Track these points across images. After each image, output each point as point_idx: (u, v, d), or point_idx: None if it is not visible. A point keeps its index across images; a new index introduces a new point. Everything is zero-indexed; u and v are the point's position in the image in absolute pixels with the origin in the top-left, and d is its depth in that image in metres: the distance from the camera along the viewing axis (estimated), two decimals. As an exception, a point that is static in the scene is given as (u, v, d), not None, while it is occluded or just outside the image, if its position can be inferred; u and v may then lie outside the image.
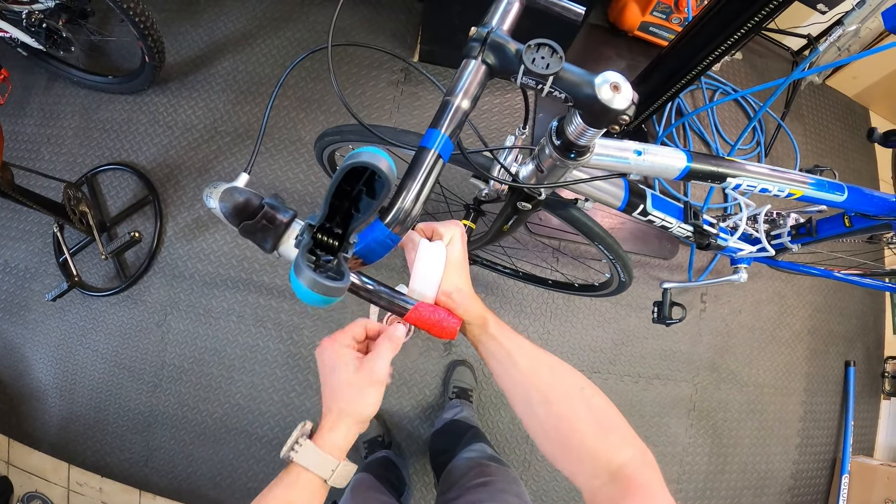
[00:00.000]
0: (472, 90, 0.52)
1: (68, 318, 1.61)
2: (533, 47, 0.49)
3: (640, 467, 0.45)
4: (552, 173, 0.68)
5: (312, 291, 0.39)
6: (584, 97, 0.49)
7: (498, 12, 0.59)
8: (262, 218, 0.45)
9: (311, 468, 0.47)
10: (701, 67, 1.34)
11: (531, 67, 0.48)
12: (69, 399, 1.58)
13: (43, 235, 1.64)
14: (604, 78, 0.48)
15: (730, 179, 0.78)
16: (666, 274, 1.78)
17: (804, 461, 1.84)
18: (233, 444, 1.54)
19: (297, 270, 0.39)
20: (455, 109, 0.51)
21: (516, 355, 0.50)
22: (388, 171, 0.40)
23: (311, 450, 0.47)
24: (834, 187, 0.86)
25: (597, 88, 0.48)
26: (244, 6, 1.80)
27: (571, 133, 0.57)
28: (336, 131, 0.96)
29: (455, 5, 1.46)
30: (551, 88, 0.50)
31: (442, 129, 0.50)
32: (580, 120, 0.54)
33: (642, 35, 1.85)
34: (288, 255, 0.47)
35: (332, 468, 0.47)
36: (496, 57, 0.52)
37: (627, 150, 0.72)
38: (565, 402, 0.48)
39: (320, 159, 1.09)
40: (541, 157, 0.67)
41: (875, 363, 1.98)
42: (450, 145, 0.51)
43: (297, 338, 1.58)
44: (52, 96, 1.73)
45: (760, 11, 1.09)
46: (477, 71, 0.52)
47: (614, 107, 0.48)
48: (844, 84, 2.13)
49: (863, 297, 1.99)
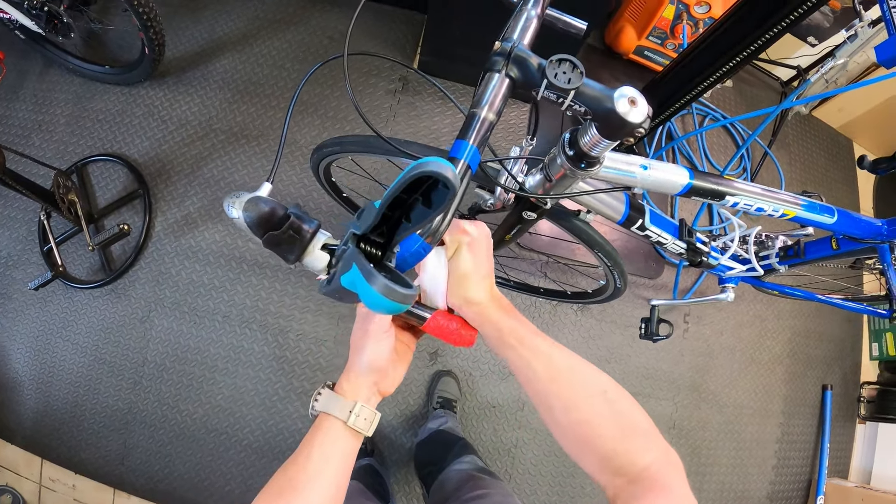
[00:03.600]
0: (496, 103, 0.54)
1: (49, 309, 1.58)
2: (555, 62, 0.50)
3: (663, 467, 0.45)
4: (560, 183, 0.70)
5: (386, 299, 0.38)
6: (602, 111, 0.51)
7: (518, 27, 0.61)
8: (288, 228, 0.45)
9: (329, 411, 0.50)
10: (694, 94, 1.38)
11: (554, 82, 0.50)
12: (45, 392, 1.55)
13: (28, 223, 1.62)
14: (621, 93, 0.50)
15: (728, 197, 0.81)
16: (651, 293, 1.80)
17: (780, 482, 1.87)
18: (212, 445, 1.52)
19: (370, 279, 0.38)
20: (482, 121, 0.52)
21: (535, 364, 0.49)
22: (455, 182, 0.38)
23: (328, 395, 0.51)
24: (824, 210, 0.89)
25: (615, 102, 0.49)
26: (246, 5, 1.81)
27: (585, 144, 0.59)
28: (336, 142, 0.96)
29: (458, 20, 1.48)
30: (572, 102, 0.52)
31: (470, 140, 0.51)
32: (595, 132, 0.56)
33: (637, 59, 1.89)
34: (313, 265, 0.47)
35: (349, 409, 0.50)
36: (519, 71, 0.54)
37: (634, 164, 0.74)
38: (586, 407, 0.48)
39: (316, 170, 1.09)
40: (551, 167, 0.69)
41: (851, 388, 2.02)
42: (477, 156, 0.52)
43: (282, 341, 1.57)
44: (47, 83, 1.71)
45: (755, 43, 1.13)
46: (501, 84, 0.54)
47: (631, 120, 0.49)
48: (830, 115, 2.20)
49: (841, 322, 2.04)
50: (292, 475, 0.48)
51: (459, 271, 0.52)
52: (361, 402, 0.51)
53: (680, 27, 1.77)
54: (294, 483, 0.47)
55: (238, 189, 0.48)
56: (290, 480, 0.47)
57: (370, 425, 0.51)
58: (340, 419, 0.50)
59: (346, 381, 0.52)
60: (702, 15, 1.72)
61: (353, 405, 0.50)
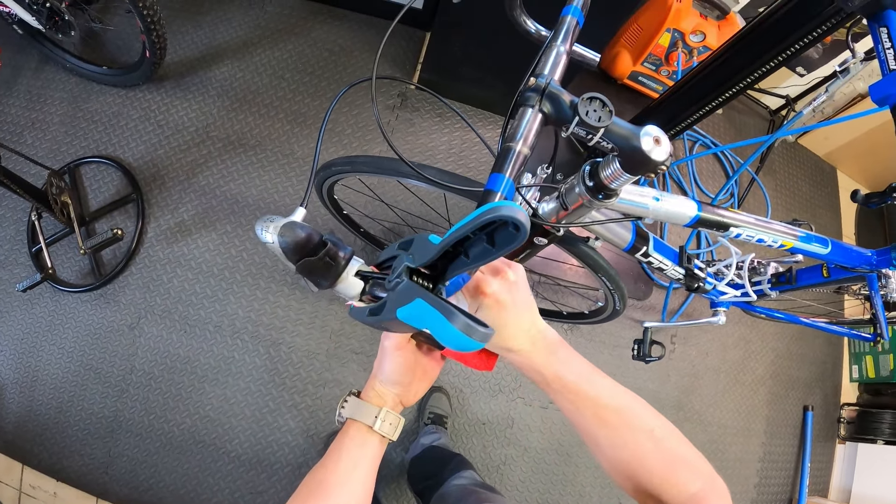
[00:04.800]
0: (530, 138, 0.56)
1: (35, 312, 1.55)
2: (586, 100, 0.52)
3: (709, 495, 0.46)
4: (575, 212, 0.72)
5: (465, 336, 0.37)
6: (629, 148, 0.53)
7: (549, 63, 0.63)
8: (325, 255, 0.45)
9: (356, 417, 0.52)
10: (688, 122, 1.41)
11: (586, 119, 0.52)
12: (29, 396, 1.52)
13: (16, 223, 1.59)
14: (646, 132, 0.52)
15: (732, 229, 0.85)
16: (639, 314, 1.84)
17: (762, 500, 1.91)
18: (199, 456, 1.50)
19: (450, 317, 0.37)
20: (517, 155, 0.54)
21: (583, 409, 0.49)
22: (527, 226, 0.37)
23: (354, 402, 0.54)
24: (819, 241, 0.93)
25: (641, 140, 0.51)
26: (247, 14, 1.81)
27: (607, 177, 0.61)
28: (347, 162, 0.96)
29: (461, 39, 1.50)
30: (601, 139, 0.54)
31: (507, 173, 0.53)
32: (618, 166, 0.58)
33: (631, 84, 1.93)
34: (346, 292, 0.47)
35: (375, 414, 0.52)
36: (552, 107, 0.56)
37: (647, 195, 0.77)
38: (633, 446, 0.49)
39: (319, 188, 1.09)
40: (568, 196, 0.70)
41: (832, 409, 2.08)
42: (513, 189, 0.54)
43: (273, 353, 1.56)
44: (42, 80, 1.69)
45: (750, 76, 1.16)
46: (534, 119, 0.56)
47: (655, 158, 0.51)
48: (816, 144, 2.26)
49: (822, 345, 2.09)
50: (322, 478, 0.50)
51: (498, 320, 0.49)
52: (387, 409, 0.53)
53: (675, 55, 1.81)
54: (324, 486, 0.49)
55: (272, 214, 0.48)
56: (320, 484, 0.49)
57: (395, 430, 0.53)
58: (367, 424, 0.52)
59: (372, 388, 0.55)
60: (696, 44, 1.77)
61: (379, 411, 0.52)
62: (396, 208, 1.46)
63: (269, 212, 1.65)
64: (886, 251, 0.93)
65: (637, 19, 1.83)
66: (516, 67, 0.76)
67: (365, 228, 1.51)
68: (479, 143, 1.83)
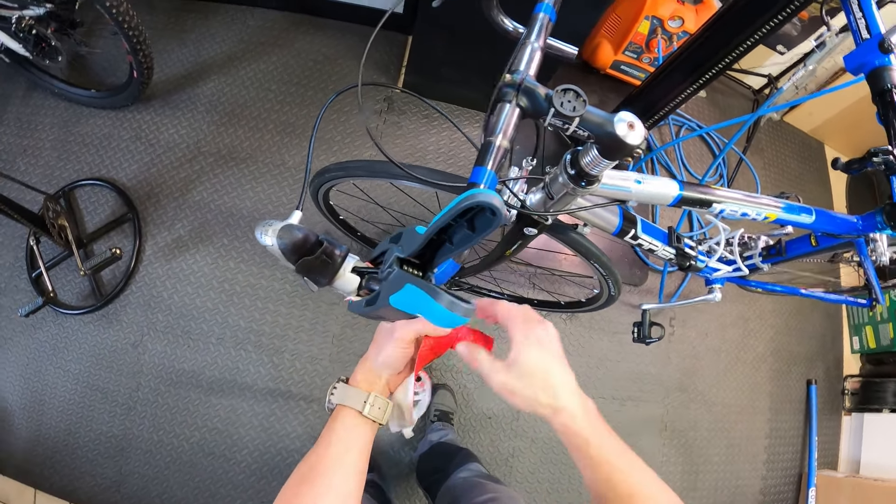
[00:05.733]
0: (509, 131, 0.58)
1: (39, 336, 1.56)
2: (561, 92, 0.54)
3: None
4: (561, 200, 0.74)
5: (451, 312, 0.41)
6: (604, 134, 0.55)
7: (524, 59, 0.65)
8: (322, 254, 0.48)
9: (345, 402, 0.54)
10: (671, 106, 1.43)
11: (561, 110, 0.54)
12: (37, 420, 1.53)
13: (14, 249, 1.60)
14: (620, 118, 0.53)
15: (715, 205, 0.86)
16: (637, 298, 1.85)
17: (772, 476, 1.92)
18: (210, 469, 1.51)
19: (435, 296, 0.42)
20: (497, 148, 0.57)
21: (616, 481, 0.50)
22: (503, 210, 0.41)
23: (343, 388, 0.55)
24: (803, 210, 0.94)
25: (615, 126, 0.53)
26: (231, 29, 1.83)
27: (587, 164, 0.63)
28: (340, 167, 0.98)
29: (442, 41, 1.52)
30: (577, 128, 0.56)
31: (488, 166, 0.55)
32: (596, 153, 0.60)
33: (614, 73, 1.95)
34: (343, 288, 0.50)
35: (364, 399, 0.53)
36: (528, 101, 0.58)
37: (629, 179, 0.79)
38: None
39: (315, 194, 1.11)
40: (552, 186, 0.72)
41: (835, 381, 2.09)
42: (495, 180, 0.56)
43: (277, 361, 1.57)
44: (31, 106, 1.70)
45: (728, 56, 1.18)
46: (512, 113, 0.58)
47: (630, 142, 0.53)
48: (801, 120, 2.29)
49: (821, 319, 2.11)
50: (313, 463, 0.51)
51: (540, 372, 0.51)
52: (375, 393, 0.54)
53: (655, 42, 1.83)
54: (317, 470, 0.50)
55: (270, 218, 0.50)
56: (312, 468, 0.50)
57: (384, 413, 0.55)
58: (356, 409, 0.53)
59: (361, 373, 0.56)
60: (675, 29, 1.79)
61: (368, 395, 0.54)
62: (391, 210, 1.48)
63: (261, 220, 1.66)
64: (871, 216, 0.94)
65: (615, 8, 1.86)
66: (498, 66, 0.78)
67: (362, 232, 1.53)
68: (467, 141, 1.84)
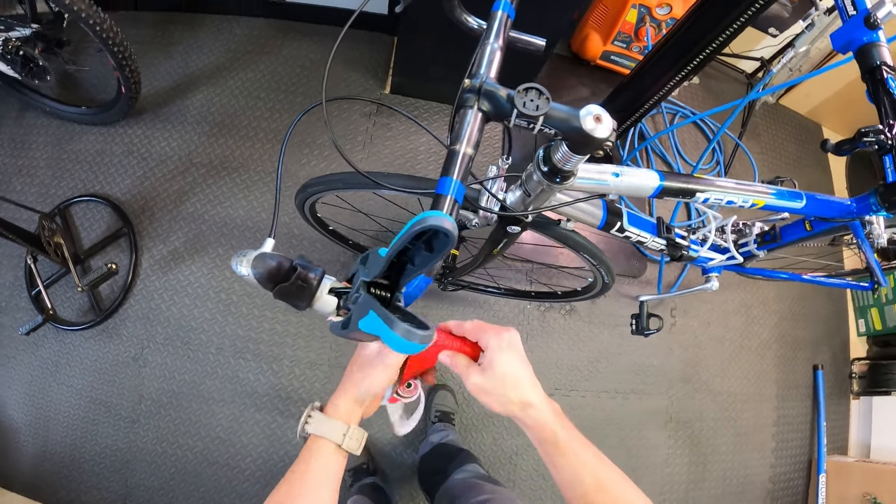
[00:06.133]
0: (473, 137, 0.56)
1: (41, 354, 1.58)
2: (522, 92, 0.53)
3: None
4: (539, 197, 0.73)
5: (407, 340, 0.42)
6: (570, 130, 0.54)
7: (484, 62, 0.64)
8: (297, 279, 0.48)
9: (324, 434, 0.52)
10: (661, 94, 1.42)
11: (524, 111, 0.53)
12: (43, 436, 1.54)
13: (14, 269, 1.62)
14: (587, 111, 0.52)
15: (699, 194, 0.83)
16: (636, 290, 1.84)
17: (781, 464, 1.90)
18: (214, 478, 1.52)
19: (391, 325, 0.42)
20: (462, 156, 0.55)
21: (584, 476, 0.53)
22: (453, 232, 0.42)
23: (321, 419, 0.53)
24: (793, 195, 0.91)
25: (582, 121, 0.52)
26: (217, 38, 1.83)
27: (558, 160, 0.62)
28: (320, 181, 0.99)
29: (427, 41, 1.51)
30: (542, 126, 0.55)
31: (454, 176, 0.54)
32: (566, 148, 0.59)
33: (604, 64, 1.94)
34: (322, 310, 0.50)
35: (343, 432, 0.53)
36: (490, 104, 0.57)
37: (606, 172, 0.77)
38: None
39: (301, 207, 1.11)
40: (528, 184, 0.71)
41: (842, 365, 2.07)
42: (462, 189, 0.55)
43: (277, 368, 1.57)
44: (24, 126, 1.72)
45: (716, 39, 1.16)
46: (475, 119, 0.57)
47: (597, 136, 0.52)
48: (797, 102, 2.26)
49: (825, 302, 2.08)
50: (284, 497, 0.50)
51: (511, 373, 0.55)
52: (354, 425, 0.54)
53: (643, 30, 1.82)
54: None
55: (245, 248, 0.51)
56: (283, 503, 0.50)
57: (359, 445, 0.54)
58: (334, 442, 0.52)
59: (343, 402, 0.55)
60: (664, 16, 1.77)
61: (347, 428, 0.53)
62: (378, 217, 1.47)
63: (256, 231, 1.67)
64: (865, 197, 0.92)
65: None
66: None
67: (353, 240, 1.52)
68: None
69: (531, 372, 0.57)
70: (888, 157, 0.85)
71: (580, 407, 1.72)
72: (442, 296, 1.69)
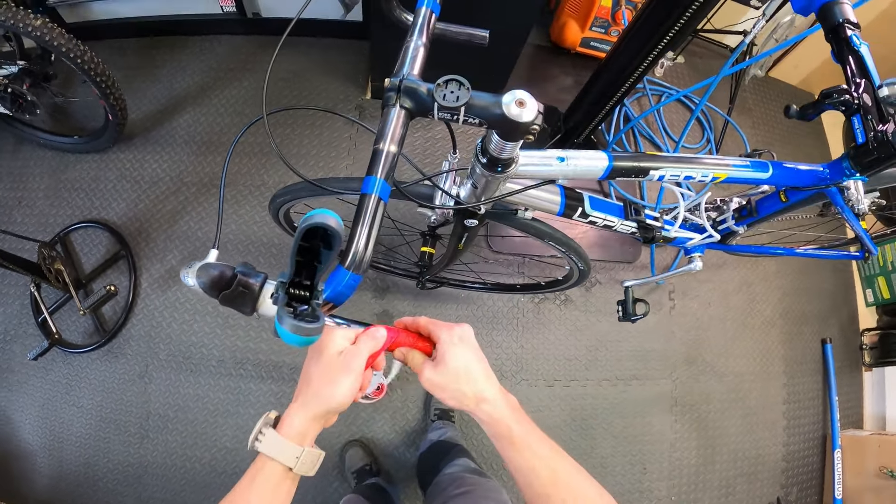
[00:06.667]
0: (397, 135, 0.57)
1: (51, 377, 1.63)
2: (442, 84, 0.54)
3: None
4: (487, 188, 0.73)
5: (296, 335, 0.45)
6: (494, 118, 0.53)
7: (406, 60, 0.65)
8: (237, 286, 0.50)
9: (275, 456, 0.48)
10: (638, 73, 1.40)
11: (443, 103, 0.53)
12: (57, 457, 1.59)
13: (20, 297, 1.67)
14: (511, 96, 0.52)
15: (652, 172, 0.81)
16: (632, 275, 1.82)
17: (794, 442, 1.87)
18: (224, 487, 1.51)
19: (281, 321, 0.45)
20: (385, 155, 0.56)
21: (539, 470, 0.52)
22: (336, 226, 0.45)
23: (274, 438, 0.49)
24: (758, 166, 0.88)
25: (504, 108, 0.52)
26: (199, 59, 1.87)
27: (493, 150, 0.62)
28: (286, 191, 1.02)
29: (398, 41, 1.52)
30: (465, 117, 0.55)
31: (377, 174, 0.55)
32: (497, 137, 0.59)
33: (584, 50, 1.93)
34: (267, 313, 0.51)
35: (297, 455, 0.49)
36: (412, 100, 0.57)
37: (550, 157, 0.76)
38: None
39: (276, 218, 1.14)
40: (474, 177, 0.72)
41: (852, 337, 2.02)
42: (387, 187, 0.56)
43: (276, 375, 1.60)
44: (20, 160, 1.77)
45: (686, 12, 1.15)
46: (398, 117, 0.58)
47: (523, 120, 0.52)
48: (787, 74, 2.21)
49: (830, 275, 2.04)
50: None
51: (463, 367, 0.54)
52: (308, 447, 0.50)
53: (620, 13, 1.81)
54: None
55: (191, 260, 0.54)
56: None
57: (314, 467, 0.51)
58: (286, 465, 0.49)
59: (299, 419, 0.50)
60: (638, -2, 1.76)
61: (301, 451, 0.49)
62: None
63: (249, 244, 1.70)
64: (837, 162, 0.90)
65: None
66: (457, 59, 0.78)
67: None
68: (443, 137, 1.85)
69: (486, 366, 0.56)
70: (856, 117, 0.83)
71: (581, 397, 1.71)
72: (434, 295, 1.70)
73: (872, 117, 0.79)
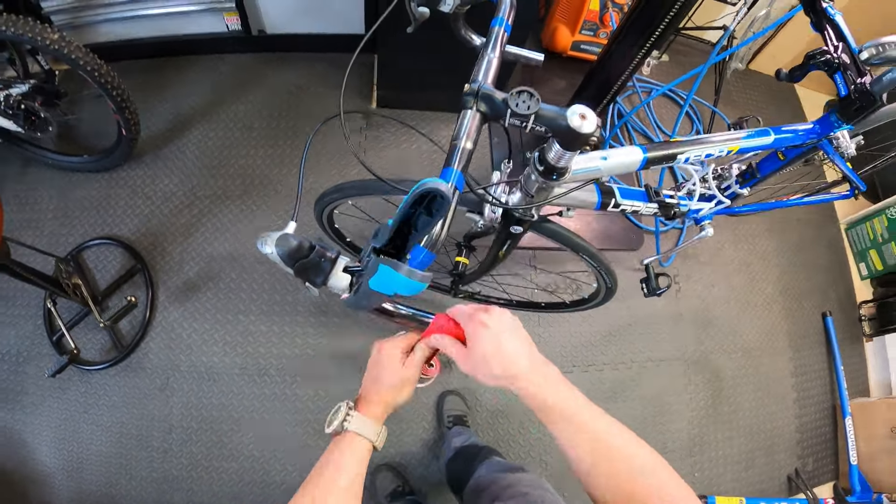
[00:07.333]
0: (472, 134, 0.64)
1: (68, 397, 1.60)
2: (515, 94, 0.60)
3: None
4: (539, 195, 0.81)
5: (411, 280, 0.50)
6: (559, 128, 0.60)
7: (482, 69, 0.72)
8: (315, 256, 0.54)
9: (363, 433, 0.58)
10: (630, 70, 1.49)
11: (516, 111, 0.60)
12: (77, 478, 1.55)
13: (32, 318, 1.65)
14: (572, 110, 0.59)
15: (680, 156, 0.92)
16: (636, 263, 1.88)
17: (806, 414, 1.93)
18: (251, 497, 1.54)
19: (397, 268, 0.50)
20: (462, 150, 0.62)
21: (579, 439, 0.53)
22: (449, 193, 0.48)
23: (361, 419, 0.58)
24: (761, 133, 1.00)
25: (569, 119, 0.58)
26: (206, 75, 1.92)
27: (552, 158, 0.69)
28: (336, 189, 1.07)
29: (405, 54, 1.60)
30: (533, 125, 0.61)
31: (454, 165, 0.61)
32: (558, 146, 0.66)
33: (576, 54, 2.03)
34: (337, 286, 0.56)
35: (378, 432, 0.59)
36: (487, 105, 0.64)
37: (595, 158, 0.85)
38: (627, 485, 0.50)
39: (320, 219, 1.18)
40: (528, 185, 0.79)
41: (850, 310, 2.11)
42: (461, 178, 0.61)
43: (301, 380, 1.61)
44: (26, 182, 1.76)
45: (670, 11, 1.25)
46: (473, 118, 0.64)
47: (584, 132, 0.59)
48: (766, 65, 2.35)
49: (824, 252, 2.14)
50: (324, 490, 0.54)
51: (490, 349, 0.56)
52: (384, 428, 0.61)
53: (608, 15, 1.91)
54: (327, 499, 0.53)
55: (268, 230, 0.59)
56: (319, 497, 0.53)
57: (383, 443, 0.61)
58: (371, 441, 0.58)
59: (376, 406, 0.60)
60: (625, 0, 1.87)
61: (382, 429, 0.60)
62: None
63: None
64: (826, 117, 1.00)
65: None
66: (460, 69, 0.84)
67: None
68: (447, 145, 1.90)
69: (516, 343, 0.57)
70: (838, 74, 0.93)
71: (599, 381, 1.75)
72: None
73: (852, 73, 0.90)
